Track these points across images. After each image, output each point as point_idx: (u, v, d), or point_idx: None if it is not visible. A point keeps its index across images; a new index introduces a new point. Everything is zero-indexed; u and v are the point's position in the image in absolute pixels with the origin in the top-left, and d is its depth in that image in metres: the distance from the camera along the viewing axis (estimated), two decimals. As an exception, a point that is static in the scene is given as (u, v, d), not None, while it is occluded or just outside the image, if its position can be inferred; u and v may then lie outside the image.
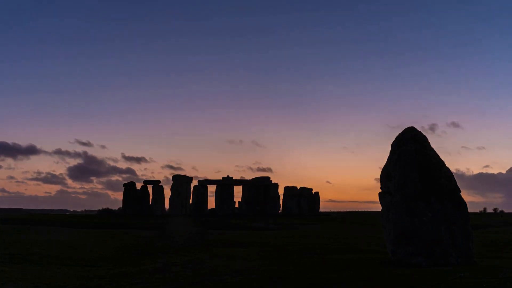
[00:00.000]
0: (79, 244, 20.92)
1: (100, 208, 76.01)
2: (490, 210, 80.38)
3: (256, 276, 12.28)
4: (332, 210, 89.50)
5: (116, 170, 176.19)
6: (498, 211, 79.15)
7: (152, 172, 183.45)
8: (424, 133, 15.41)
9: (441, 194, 14.12)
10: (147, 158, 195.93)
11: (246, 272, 13.05)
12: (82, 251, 18.54)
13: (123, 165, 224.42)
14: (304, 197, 71.29)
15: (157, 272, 13.23)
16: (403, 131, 15.37)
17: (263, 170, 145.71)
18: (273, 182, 70.04)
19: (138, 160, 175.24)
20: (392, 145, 15.37)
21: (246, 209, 66.49)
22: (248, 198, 67.52)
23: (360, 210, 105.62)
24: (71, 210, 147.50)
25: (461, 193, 14.62)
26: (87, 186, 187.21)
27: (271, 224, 44.32)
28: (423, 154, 14.67)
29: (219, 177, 71.42)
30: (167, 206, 70.20)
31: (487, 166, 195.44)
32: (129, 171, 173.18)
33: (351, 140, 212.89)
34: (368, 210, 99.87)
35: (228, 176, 69.23)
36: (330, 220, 56.50)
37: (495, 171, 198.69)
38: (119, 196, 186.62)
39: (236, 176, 77.40)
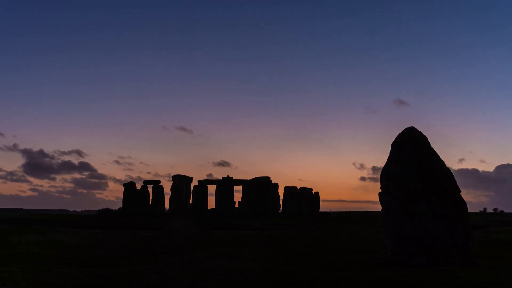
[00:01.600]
0: (79, 244, 20.92)
1: (100, 208, 76.12)
2: (490, 210, 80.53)
3: (256, 276, 12.28)
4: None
5: (70, 166, 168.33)
6: (498, 211, 79.20)
7: (104, 168, 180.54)
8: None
9: (441, 194, 14.12)
10: (84, 151, 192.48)
11: (246, 272, 13.05)
12: (82, 251, 18.53)
13: (68, 159, 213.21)
14: (304, 197, 71.26)
15: (157, 272, 13.23)
16: (403, 131, 15.37)
17: (222, 164, 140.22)
18: (273, 182, 70.09)
19: (80, 153, 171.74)
20: (392, 145, 15.37)
21: (246, 209, 66.48)
22: (248, 198, 67.52)
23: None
24: (71, 210, 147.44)
25: (460, 193, 14.63)
26: (56, 184, 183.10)
27: (271, 224, 44.32)
28: (423, 154, 14.68)
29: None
30: (167, 206, 70.21)
31: (462, 159, 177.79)
32: (85, 166, 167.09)
33: (300, 128, 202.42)
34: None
35: (228, 176, 69.27)
36: (330, 220, 56.51)
37: (475, 166, 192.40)
38: (100, 195, 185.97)
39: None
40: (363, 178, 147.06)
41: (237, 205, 68.96)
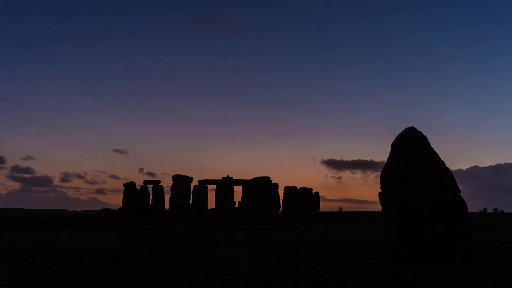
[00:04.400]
0: (79, 244, 20.92)
1: (100, 208, 76.27)
2: (490, 210, 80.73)
3: (256, 276, 12.28)
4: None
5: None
6: (498, 211, 79.38)
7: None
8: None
9: (441, 194, 14.12)
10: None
11: (246, 272, 13.05)
12: (82, 251, 18.53)
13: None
14: (304, 197, 71.33)
15: (157, 273, 13.23)
16: (403, 131, 15.38)
17: (119, 152, 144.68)
18: (272, 182, 70.13)
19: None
20: (392, 145, 15.38)
21: (246, 209, 66.51)
22: (248, 198, 67.58)
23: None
24: (71, 210, 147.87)
25: (460, 193, 14.63)
26: (18, 186, 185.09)
27: (271, 224, 44.35)
28: (423, 154, 14.68)
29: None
30: (167, 206, 70.30)
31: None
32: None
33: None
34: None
35: (228, 176, 69.32)
36: (330, 220, 56.53)
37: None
38: (74, 194, 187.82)
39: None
40: (326, 176, 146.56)
41: (237, 205, 69.01)
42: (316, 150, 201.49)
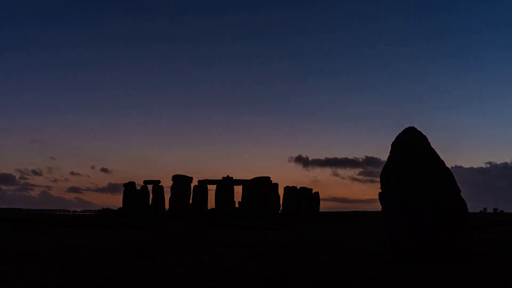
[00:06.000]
0: (79, 244, 20.92)
1: (100, 208, 76.30)
2: (490, 210, 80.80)
3: (256, 276, 12.28)
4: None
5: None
6: (498, 211, 79.43)
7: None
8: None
9: (441, 194, 14.12)
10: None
11: (246, 272, 13.05)
12: (82, 251, 18.53)
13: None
14: (304, 197, 71.35)
15: (157, 272, 13.22)
16: (403, 131, 15.39)
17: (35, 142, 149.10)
18: (272, 182, 70.16)
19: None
20: (392, 145, 15.39)
21: (246, 209, 66.53)
22: (248, 198, 67.61)
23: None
24: (71, 210, 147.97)
25: (460, 193, 14.63)
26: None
27: (271, 224, 44.37)
28: (423, 154, 14.68)
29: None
30: (167, 206, 70.34)
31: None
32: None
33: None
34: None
35: (228, 176, 69.36)
36: (329, 220, 56.55)
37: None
38: (58, 194, 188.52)
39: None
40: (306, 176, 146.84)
41: (237, 205, 69.04)
42: (316, 150, 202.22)
